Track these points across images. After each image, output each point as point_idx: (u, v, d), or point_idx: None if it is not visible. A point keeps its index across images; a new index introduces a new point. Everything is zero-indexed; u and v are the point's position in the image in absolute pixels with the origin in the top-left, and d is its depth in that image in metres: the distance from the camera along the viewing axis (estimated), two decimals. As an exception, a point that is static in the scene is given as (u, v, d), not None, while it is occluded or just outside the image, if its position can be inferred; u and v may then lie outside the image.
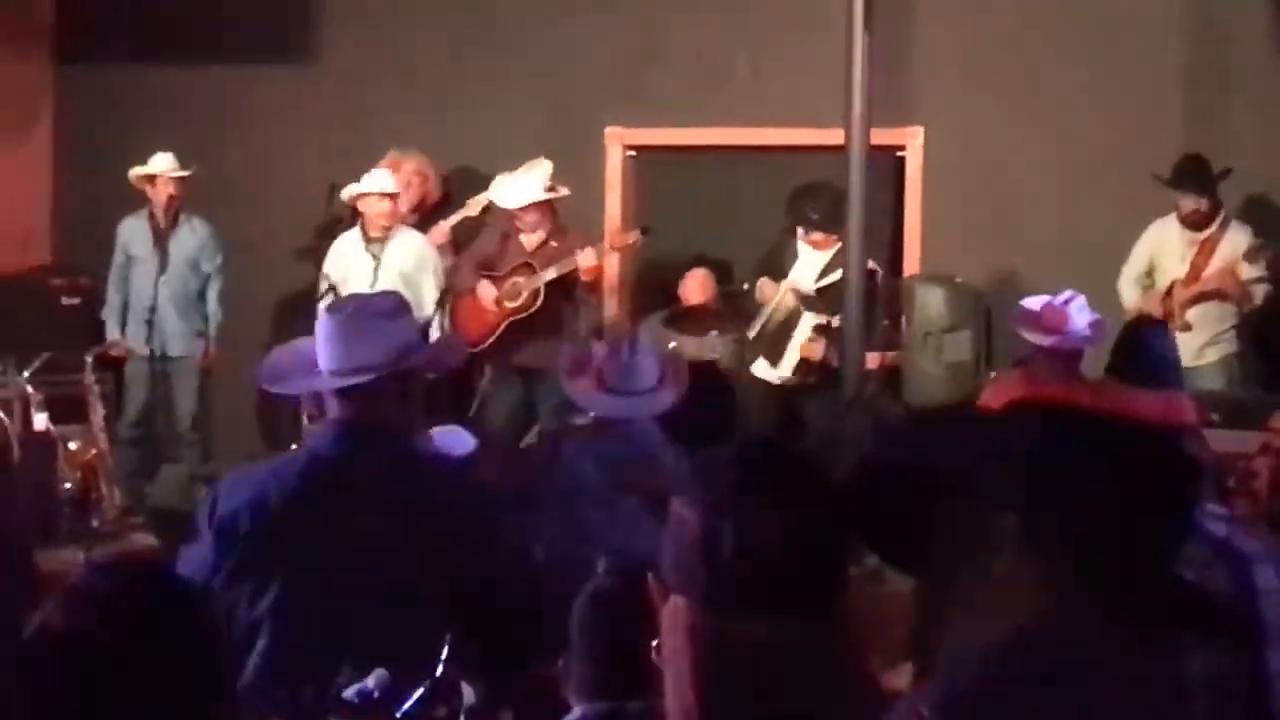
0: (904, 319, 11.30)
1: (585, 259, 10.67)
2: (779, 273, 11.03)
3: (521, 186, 10.84)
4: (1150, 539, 2.41)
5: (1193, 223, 10.74)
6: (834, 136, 10.35)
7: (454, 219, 11.68)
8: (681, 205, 12.35)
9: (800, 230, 10.97)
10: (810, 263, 10.96)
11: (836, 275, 10.67)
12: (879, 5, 10.17)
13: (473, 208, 11.62)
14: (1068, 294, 8.41)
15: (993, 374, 10.96)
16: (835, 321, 10.53)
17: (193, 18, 12.87)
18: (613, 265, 12.32)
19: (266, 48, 12.80)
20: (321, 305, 10.42)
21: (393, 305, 4.56)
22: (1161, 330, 7.84)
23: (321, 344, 4.43)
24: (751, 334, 10.93)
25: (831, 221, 10.74)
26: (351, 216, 11.42)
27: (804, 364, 10.75)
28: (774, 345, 10.86)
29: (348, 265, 11.13)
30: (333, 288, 10.74)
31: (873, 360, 10.62)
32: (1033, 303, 8.33)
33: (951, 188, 11.99)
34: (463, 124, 12.46)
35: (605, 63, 12.50)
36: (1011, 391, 7.34)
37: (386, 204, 11.14)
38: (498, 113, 12.41)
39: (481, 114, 12.44)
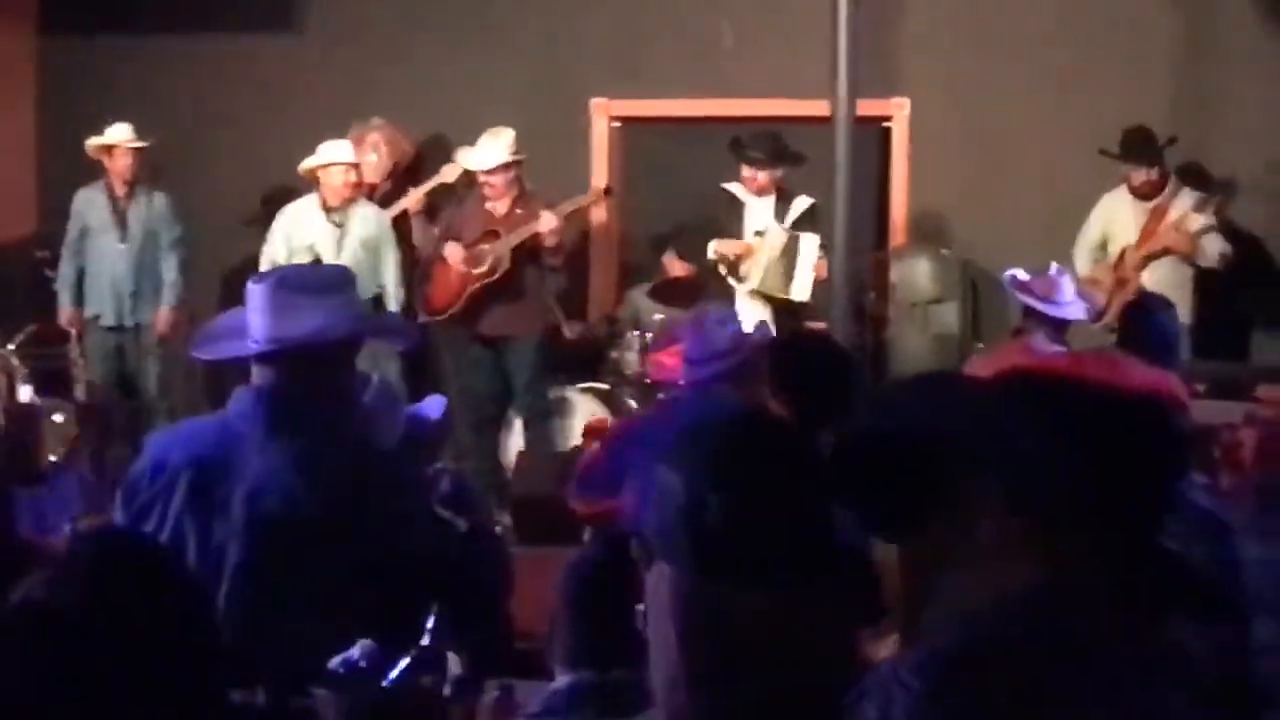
0: (890, 290, 11.32)
1: (546, 222, 10.64)
2: (730, 231, 10.98)
3: (487, 150, 10.84)
4: (1135, 509, 2.41)
5: (1143, 193, 10.79)
6: (820, 108, 10.35)
7: (428, 185, 11.69)
8: (668, 176, 12.34)
9: (745, 174, 10.92)
10: (763, 209, 10.92)
11: (800, 210, 10.79)
12: (864, -25, 10.17)
13: (447, 174, 11.64)
14: (1056, 267, 8.53)
15: (979, 345, 11.00)
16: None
17: (177, -12, 12.85)
18: (600, 232, 12.33)
19: (252, 18, 12.76)
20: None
21: (329, 279, 4.54)
22: (1163, 306, 7.89)
23: (250, 313, 4.41)
24: (753, 284, 10.80)
25: (774, 158, 10.81)
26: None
27: (816, 284, 10.65)
28: (783, 277, 10.74)
29: (309, 234, 11.16)
30: (317, 259, 10.76)
31: None
32: (1023, 273, 8.45)
33: (937, 159, 11.99)
34: (449, 95, 12.44)
35: (592, 34, 12.48)
36: (1008, 360, 7.35)
37: (351, 174, 11.18)
38: (484, 84, 12.39)
39: (468, 85, 12.42)
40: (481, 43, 12.52)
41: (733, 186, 11.02)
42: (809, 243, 10.63)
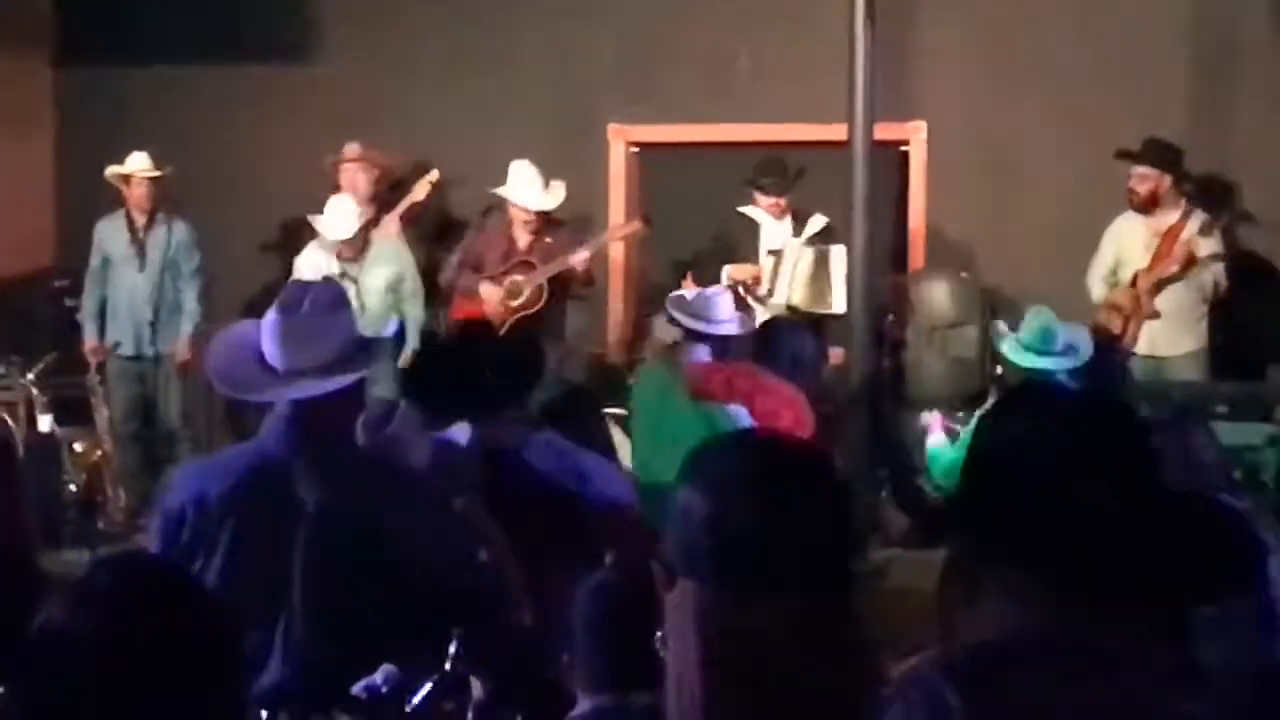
0: (909, 314, 11.30)
1: (579, 257, 10.63)
2: (746, 255, 11.03)
3: (533, 190, 10.83)
4: (1148, 526, 2.43)
5: (1142, 203, 10.73)
6: (837, 132, 10.33)
7: (402, 205, 11.70)
8: (685, 202, 12.33)
9: (764, 201, 11.14)
10: (778, 230, 11.00)
11: (815, 229, 10.97)
12: (880, 0, 10.15)
13: (419, 191, 11.69)
14: (716, 288, 8.70)
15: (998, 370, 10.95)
16: None
17: (193, 18, 12.85)
18: (618, 260, 12.33)
19: (268, 48, 12.79)
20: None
21: (337, 297, 4.56)
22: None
23: (274, 342, 4.41)
24: (782, 298, 10.84)
25: (787, 182, 11.09)
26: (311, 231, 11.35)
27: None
28: (819, 291, 10.78)
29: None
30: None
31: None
32: (686, 292, 8.70)
33: (955, 182, 11.99)
34: (465, 122, 12.45)
35: (608, 60, 12.49)
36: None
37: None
38: (501, 111, 12.40)
39: (484, 112, 12.42)
40: (498, 70, 12.53)
41: (750, 210, 11.06)
42: (839, 255, 10.62)
